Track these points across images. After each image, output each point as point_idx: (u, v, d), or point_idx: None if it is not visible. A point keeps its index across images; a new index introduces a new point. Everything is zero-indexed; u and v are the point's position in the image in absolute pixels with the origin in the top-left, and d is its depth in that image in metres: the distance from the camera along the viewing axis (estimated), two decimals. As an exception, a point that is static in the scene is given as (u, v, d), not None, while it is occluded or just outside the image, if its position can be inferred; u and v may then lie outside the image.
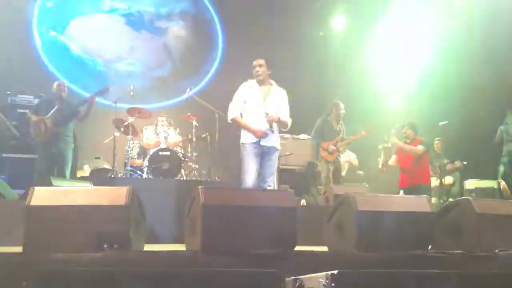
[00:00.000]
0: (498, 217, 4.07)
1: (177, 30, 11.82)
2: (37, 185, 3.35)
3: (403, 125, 7.98)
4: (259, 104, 5.72)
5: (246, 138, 5.69)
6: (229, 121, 5.89)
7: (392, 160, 7.98)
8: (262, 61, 5.78)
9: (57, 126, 6.98)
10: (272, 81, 5.88)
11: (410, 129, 7.87)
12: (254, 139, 5.64)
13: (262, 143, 5.64)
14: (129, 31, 11.40)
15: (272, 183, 5.84)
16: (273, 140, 5.74)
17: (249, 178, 5.54)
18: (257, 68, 5.75)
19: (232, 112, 5.79)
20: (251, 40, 11.29)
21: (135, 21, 11.44)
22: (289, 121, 5.88)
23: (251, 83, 5.83)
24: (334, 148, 7.96)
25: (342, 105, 8.17)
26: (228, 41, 12.11)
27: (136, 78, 10.96)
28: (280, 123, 5.77)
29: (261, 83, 5.79)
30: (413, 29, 10.96)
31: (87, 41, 11.04)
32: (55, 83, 7.35)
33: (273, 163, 5.77)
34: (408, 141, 7.85)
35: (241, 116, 5.79)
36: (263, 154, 5.69)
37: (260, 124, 5.66)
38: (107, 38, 11.23)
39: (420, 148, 7.68)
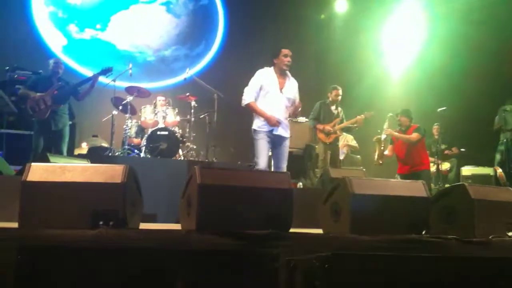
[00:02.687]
0: (494, 204, 4.08)
1: (204, 9, 12.16)
2: (34, 162, 3.35)
3: (397, 113, 7.95)
4: (276, 94, 5.71)
5: (259, 126, 5.68)
6: (243, 105, 5.80)
7: (388, 150, 7.94)
8: (291, 53, 5.80)
9: (57, 103, 6.94)
10: (288, 72, 5.85)
11: (404, 116, 7.83)
12: (267, 128, 5.64)
13: (274, 132, 5.66)
14: (171, 18, 11.74)
15: (285, 169, 5.79)
16: (285, 130, 5.79)
17: (262, 161, 5.57)
18: (289, 59, 5.74)
19: (248, 97, 5.73)
20: (252, 22, 11.28)
21: (174, 8, 11.76)
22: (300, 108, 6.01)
23: (269, 71, 5.77)
24: (331, 129, 7.95)
25: (339, 89, 8.16)
26: (229, 22, 12.09)
27: (181, 60, 11.54)
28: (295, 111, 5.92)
29: (281, 73, 5.76)
30: (414, 15, 10.92)
31: (135, 35, 11.32)
32: (51, 60, 7.29)
33: (285, 150, 5.80)
34: (403, 128, 7.82)
35: (243, 105, 5.80)
36: (274, 142, 5.71)
37: (275, 114, 5.66)
38: (153, 29, 11.56)
39: (414, 135, 7.63)
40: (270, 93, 5.69)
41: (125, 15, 11.26)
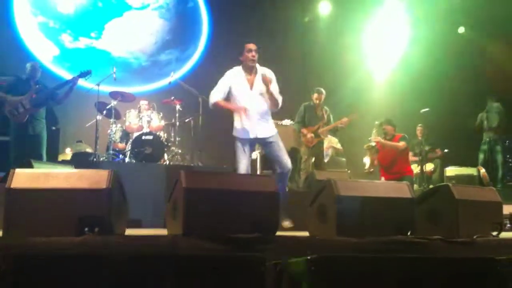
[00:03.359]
0: (477, 204, 4.13)
1: (192, 11, 12.28)
2: (17, 168, 3.32)
3: (381, 122, 8.04)
4: (245, 93, 5.45)
5: (238, 132, 5.45)
6: (210, 107, 5.57)
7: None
8: (256, 47, 5.49)
9: (36, 107, 6.86)
10: (257, 65, 5.57)
11: (389, 125, 7.93)
12: (246, 136, 5.38)
13: (251, 136, 5.39)
14: (164, 23, 11.83)
15: (288, 160, 5.41)
16: (265, 130, 5.49)
17: (242, 167, 5.30)
18: (254, 53, 5.44)
19: (213, 98, 5.49)
20: (237, 25, 11.27)
21: (165, 13, 11.83)
22: (280, 99, 5.57)
23: (238, 70, 5.55)
24: (313, 135, 7.96)
25: (321, 93, 8.12)
26: (214, 25, 12.08)
27: (173, 63, 11.65)
28: (271, 96, 5.43)
29: (249, 70, 5.51)
30: (397, 17, 11.01)
31: (129, 41, 11.44)
32: (29, 64, 7.19)
33: (277, 145, 5.43)
34: (388, 137, 7.90)
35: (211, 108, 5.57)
36: (262, 143, 5.47)
37: (251, 113, 5.38)
38: (147, 34, 11.67)
39: (402, 143, 7.73)
40: (240, 94, 5.46)
41: (119, 22, 11.33)
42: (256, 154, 8.25)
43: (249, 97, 5.46)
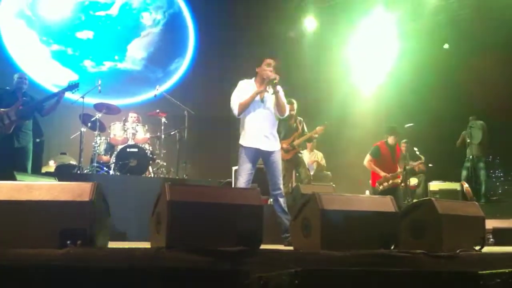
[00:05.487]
0: (460, 218, 4.16)
1: (184, 23, 12.67)
2: (0, 180, 3.29)
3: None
4: (256, 105, 5.39)
5: (245, 141, 5.36)
6: (237, 114, 5.40)
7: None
8: (275, 63, 5.45)
9: (22, 118, 6.79)
10: None
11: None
12: (253, 145, 5.31)
13: (262, 148, 5.32)
14: (171, 36, 12.37)
15: (282, 185, 5.39)
16: (273, 144, 5.42)
17: (241, 181, 5.21)
18: (271, 68, 5.38)
19: (235, 103, 5.36)
20: (224, 39, 11.35)
21: (173, 27, 12.37)
22: (287, 107, 5.53)
23: (250, 82, 5.50)
24: (289, 147, 7.90)
25: (294, 102, 8.00)
26: (200, 39, 12.16)
27: (179, 69, 12.21)
28: (277, 97, 5.36)
29: (262, 83, 5.42)
30: (382, 33, 11.10)
31: (149, 59, 12.03)
32: (16, 75, 7.12)
33: (277, 165, 5.38)
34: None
35: (238, 116, 5.45)
36: (263, 157, 5.39)
37: (259, 125, 5.36)
38: (160, 48, 12.20)
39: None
40: (252, 105, 5.37)
41: (138, 42, 11.92)
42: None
43: (259, 109, 5.41)
